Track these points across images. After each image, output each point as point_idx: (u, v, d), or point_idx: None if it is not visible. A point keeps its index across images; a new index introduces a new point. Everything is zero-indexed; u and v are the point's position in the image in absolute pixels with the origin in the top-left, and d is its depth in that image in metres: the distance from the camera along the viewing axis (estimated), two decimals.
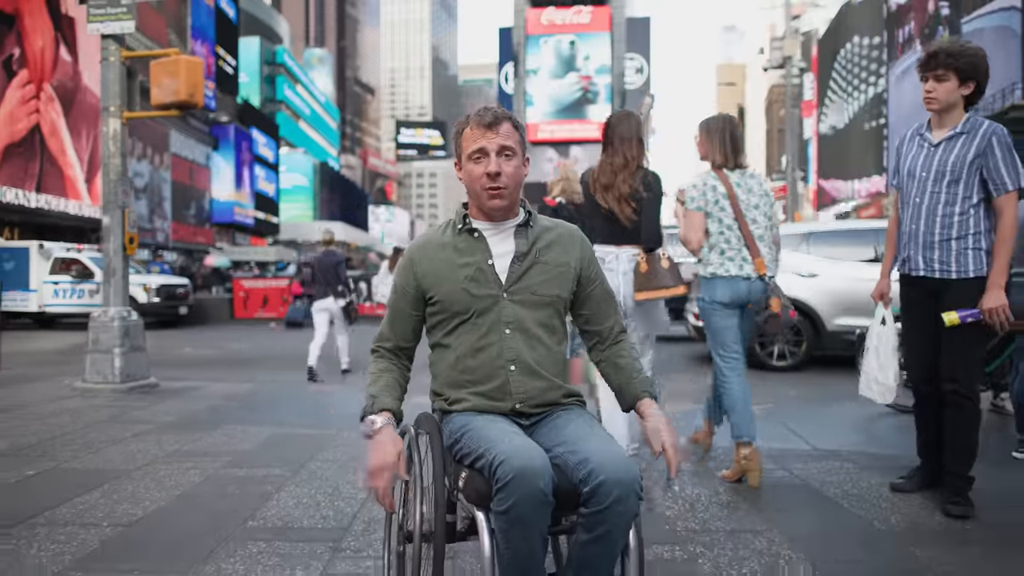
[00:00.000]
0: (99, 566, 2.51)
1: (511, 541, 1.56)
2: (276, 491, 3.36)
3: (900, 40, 48.55)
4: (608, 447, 1.65)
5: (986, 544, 2.75)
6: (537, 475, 1.54)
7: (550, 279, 1.86)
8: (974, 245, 3.00)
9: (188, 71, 6.21)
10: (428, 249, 1.89)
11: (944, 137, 3.06)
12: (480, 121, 1.83)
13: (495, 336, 1.82)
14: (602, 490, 1.56)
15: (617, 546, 1.63)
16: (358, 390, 6.68)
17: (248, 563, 2.52)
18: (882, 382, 3.39)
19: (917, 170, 3.13)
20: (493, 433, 1.68)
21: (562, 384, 1.88)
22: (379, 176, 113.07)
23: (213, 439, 4.45)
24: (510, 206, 1.87)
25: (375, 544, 2.71)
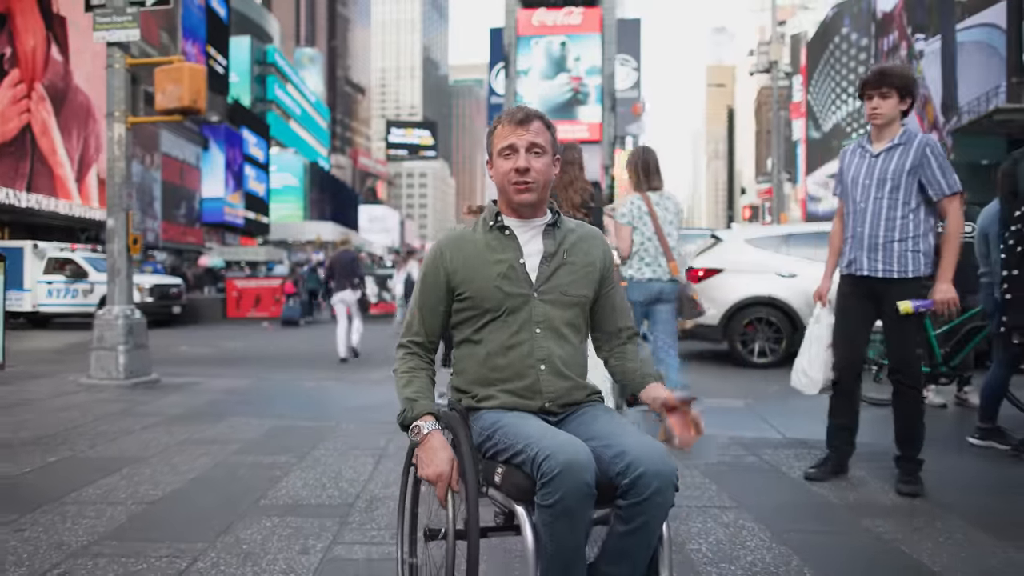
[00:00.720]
0: (131, 536, 2.77)
1: (556, 534, 1.57)
2: (284, 475, 3.62)
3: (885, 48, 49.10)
4: (645, 440, 1.68)
5: (930, 517, 3.04)
6: (584, 468, 1.56)
7: (578, 279, 1.89)
8: (913, 248, 3.32)
9: (191, 78, 6.46)
10: (459, 243, 1.90)
11: (884, 148, 3.38)
12: (511, 119, 1.86)
13: (526, 335, 1.83)
14: (642, 482, 1.59)
15: (654, 536, 1.65)
16: (356, 383, 6.96)
17: (264, 534, 2.79)
18: (810, 375, 3.69)
19: (861, 178, 3.44)
20: (532, 429, 1.69)
21: (586, 383, 1.92)
22: (369, 176, 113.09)
23: (219, 430, 4.71)
24: (539, 203, 1.89)
25: (378, 519, 2.98)
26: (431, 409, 1.79)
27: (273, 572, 2.44)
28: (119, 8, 6.47)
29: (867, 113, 3.39)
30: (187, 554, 2.57)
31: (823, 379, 3.61)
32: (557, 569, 1.59)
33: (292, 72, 74.66)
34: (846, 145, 3.70)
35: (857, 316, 3.49)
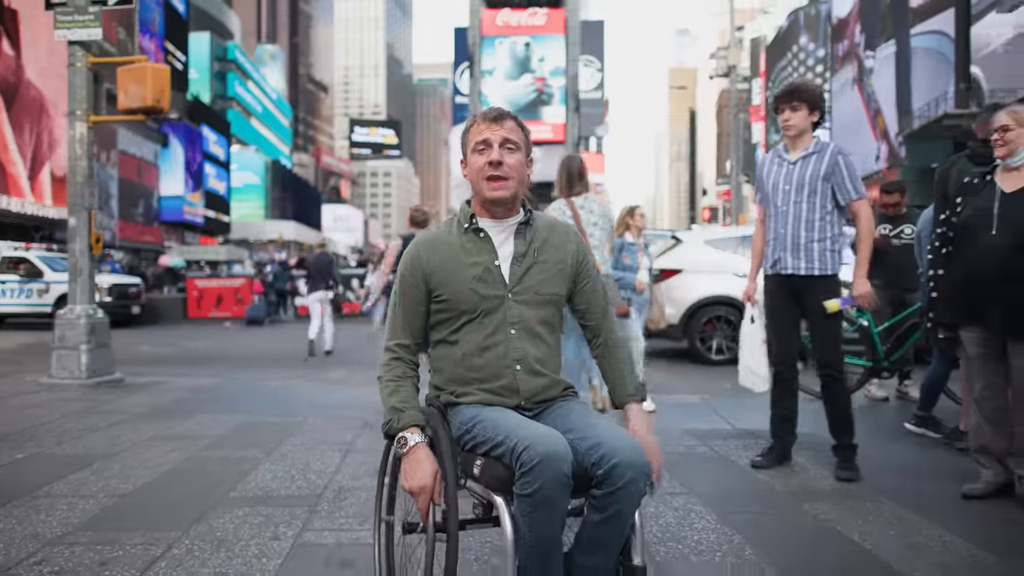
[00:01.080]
0: (105, 526, 2.86)
1: (535, 523, 1.62)
2: (253, 468, 3.73)
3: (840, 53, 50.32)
4: (618, 432, 1.74)
5: (864, 499, 3.28)
6: (562, 459, 1.61)
7: (549, 277, 1.92)
8: (831, 247, 3.62)
9: (155, 78, 6.47)
10: (435, 245, 1.93)
11: (800, 156, 3.67)
12: (486, 116, 1.90)
13: (501, 336, 1.87)
14: (616, 472, 1.64)
15: (627, 525, 1.71)
16: (320, 381, 7.04)
17: (236, 523, 2.90)
18: (757, 372, 3.94)
19: (780, 184, 3.71)
20: (510, 422, 1.74)
21: (561, 380, 1.96)
22: (332, 175, 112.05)
23: (187, 427, 4.77)
24: (512, 200, 1.91)
25: (346, 508, 3.11)
26: (417, 420, 1.81)
27: (246, 557, 2.55)
28: (80, 7, 6.45)
29: (780, 124, 3.68)
30: (161, 542, 2.67)
31: (769, 374, 3.85)
32: (535, 558, 1.64)
33: (253, 69, 73.67)
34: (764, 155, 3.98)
35: (785, 313, 3.75)
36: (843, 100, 53.35)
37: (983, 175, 3.29)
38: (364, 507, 3.11)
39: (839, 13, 52.14)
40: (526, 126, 1.96)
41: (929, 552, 2.67)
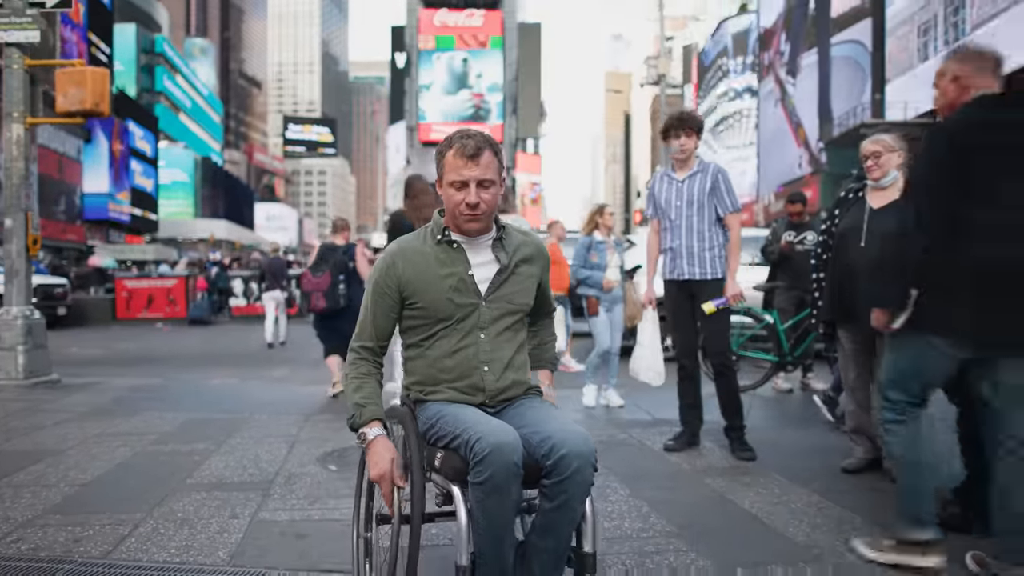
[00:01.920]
0: (72, 510, 3.08)
1: (488, 510, 1.73)
2: (204, 459, 3.96)
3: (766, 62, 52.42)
4: (568, 426, 1.87)
5: (757, 475, 3.75)
6: (511, 450, 1.74)
7: (522, 289, 2.07)
8: (719, 255, 4.15)
9: (94, 81, 6.54)
10: (409, 254, 2.03)
11: (687, 175, 4.18)
12: (462, 151, 1.94)
13: (471, 339, 2.00)
14: (563, 462, 1.76)
15: (576, 513, 1.82)
16: (262, 379, 7.21)
17: (195, 505, 3.16)
18: (656, 368, 4.42)
19: (672, 200, 4.20)
20: (468, 417, 1.87)
21: (525, 380, 2.10)
22: (266, 173, 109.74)
23: (133, 424, 4.94)
24: (486, 226, 2.04)
25: (297, 491, 3.40)
26: (377, 415, 1.94)
27: (208, 532, 2.83)
28: (18, 9, 6.47)
29: (674, 149, 4.15)
30: (127, 523, 2.92)
31: (664, 369, 4.35)
32: (489, 543, 1.76)
33: (182, 63, 71.55)
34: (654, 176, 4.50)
35: (685, 312, 4.24)
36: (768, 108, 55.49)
37: (856, 191, 3.81)
38: (314, 490, 3.41)
39: (765, 23, 54.22)
40: (499, 146, 2.03)
41: (805, 514, 3.13)
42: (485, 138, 1.99)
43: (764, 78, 52.50)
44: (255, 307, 18.42)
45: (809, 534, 2.89)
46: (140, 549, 2.66)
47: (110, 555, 2.61)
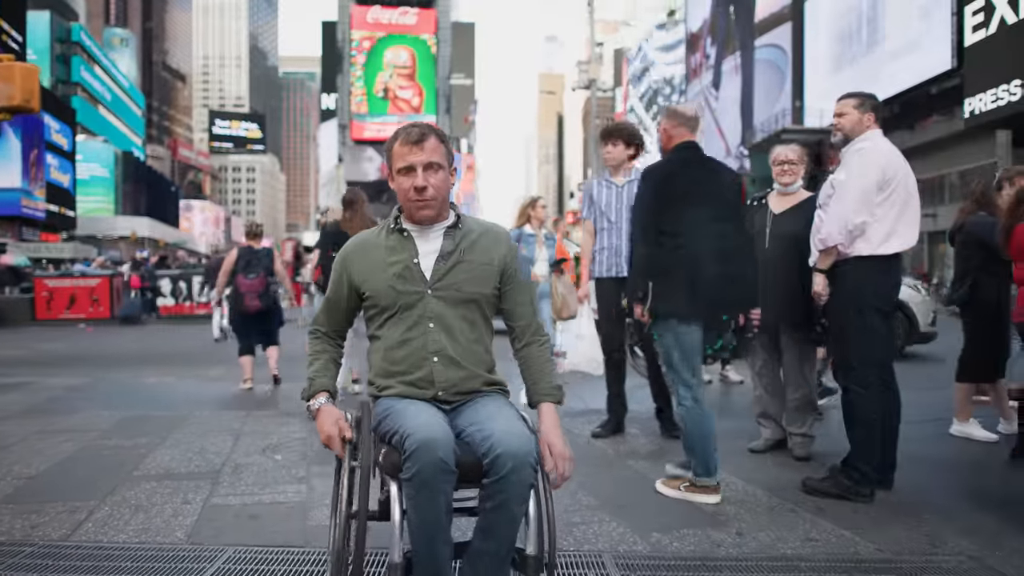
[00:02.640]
0: (25, 499, 3.18)
1: (418, 505, 1.74)
2: (149, 452, 4.07)
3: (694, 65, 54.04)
4: (510, 425, 1.85)
5: (676, 456, 4.09)
6: (438, 445, 1.74)
7: (473, 277, 2.03)
8: None
9: (23, 77, 6.45)
10: (362, 247, 2.07)
11: (626, 181, 4.49)
12: (407, 138, 1.98)
13: (419, 330, 1.99)
14: (499, 462, 1.75)
15: (514, 514, 1.79)
16: (197, 379, 7.22)
17: (147, 493, 3.30)
18: (597, 359, 4.73)
19: (612, 203, 4.52)
20: (409, 412, 1.87)
21: (482, 374, 2.05)
22: (191, 169, 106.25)
23: (73, 421, 4.96)
24: (438, 214, 2.04)
25: (246, 479, 3.57)
26: (326, 387, 2.02)
27: (163, 516, 2.98)
28: None
29: (604, 156, 4.49)
30: (82, 509, 3.04)
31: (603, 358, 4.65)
32: (422, 541, 1.76)
33: (101, 54, 68.66)
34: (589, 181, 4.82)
35: (615, 305, 4.53)
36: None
37: (759, 199, 4.22)
38: (262, 477, 3.58)
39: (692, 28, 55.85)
40: (446, 136, 2.07)
41: None
42: (430, 127, 2.03)
43: (691, 81, 54.17)
44: (183, 307, 18.07)
45: (717, 505, 3.24)
46: (99, 532, 2.80)
47: (70, 538, 2.74)
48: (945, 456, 4.19)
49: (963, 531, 2.87)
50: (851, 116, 3.39)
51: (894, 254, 3.28)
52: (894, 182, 3.26)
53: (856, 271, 3.30)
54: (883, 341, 3.35)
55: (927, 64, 27.68)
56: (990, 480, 3.82)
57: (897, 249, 3.28)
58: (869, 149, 3.33)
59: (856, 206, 3.23)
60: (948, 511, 3.13)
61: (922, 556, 2.66)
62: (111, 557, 2.56)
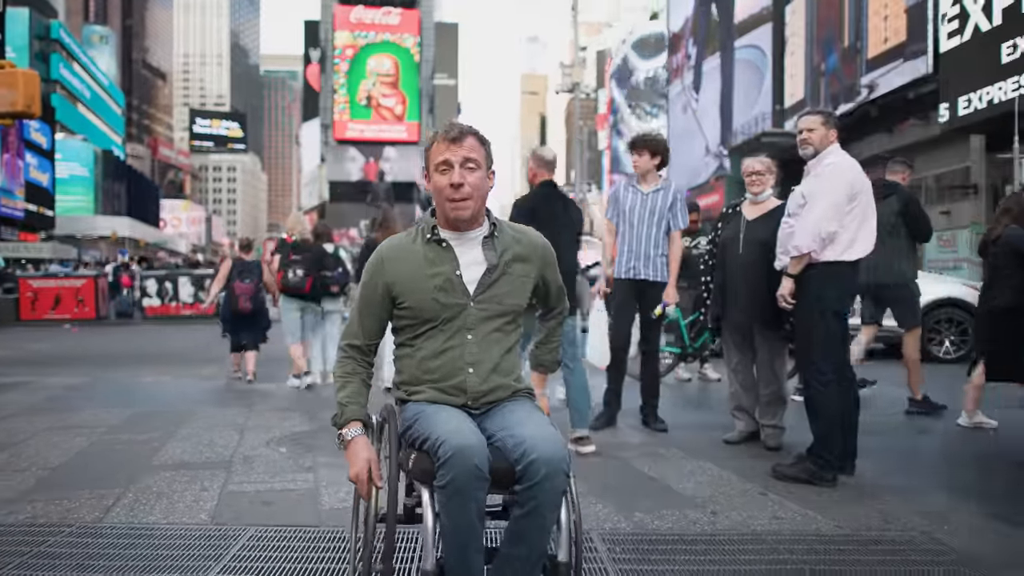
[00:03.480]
0: (53, 488, 3.40)
1: (451, 512, 1.72)
2: (162, 446, 4.30)
3: (675, 65, 54.55)
4: (544, 431, 1.84)
5: (659, 447, 4.38)
6: (473, 453, 1.73)
7: (514, 290, 2.02)
8: (665, 262, 4.69)
9: (26, 83, 6.63)
10: (399, 254, 2.02)
11: (652, 190, 4.72)
12: (446, 136, 1.95)
13: (458, 340, 1.97)
14: (532, 468, 1.73)
15: (547, 520, 1.78)
16: (193, 378, 7.42)
17: (167, 481, 3.53)
18: (603, 351, 4.98)
19: (637, 208, 4.75)
20: (441, 418, 1.85)
21: (510, 383, 2.03)
22: (171, 168, 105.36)
23: (80, 418, 5.16)
24: (474, 216, 1.99)
25: (257, 468, 3.81)
26: (358, 416, 1.96)
27: (185, 502, 3.22)
28: None
29: (633, 164, 4.74)
30: (109, 496, 3.27)
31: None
32: (453, 546, 1.74)
33: (80, 51, 68.01)
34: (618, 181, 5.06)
35: (629, 309, 4.76)
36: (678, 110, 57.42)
37: (735, 207, 4.53)
38: (271, 467, 3.83)
39: (673, 28, 56.32)
40: (487, 139, 2.03)
41: (693, 476, 3.78)
42: (471, 127, 2.00)
43: (673, 81, 54.65)
44: (169, 307, 18.14)
45: (694, 489, 3.53)
46: (128, 515, 3.03)
47: (103, 520, 2.97)
48: (908, 445, 4.52)
49: (916, 510, 3.18)
50: (819, 132, 3.69)
51: (854, 261, 3.60)
52: (860, 195, 3.57)
53: (820, 276, 3.60)
54: (841, 342, 3.67)
55: (905, 69, 28.29)
56: (947, 466, 4.15)
57: (858, 255, 3.59)
58: (839, 163, 3.64)
59: (828, 216, 3.53)
60: (904, 493, 3.44)
61: (877, 531, 2.96)
62: (144, 535, 2.80)
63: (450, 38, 76.26)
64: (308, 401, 5.97)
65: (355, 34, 53.24)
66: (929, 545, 2.81)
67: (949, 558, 2.67)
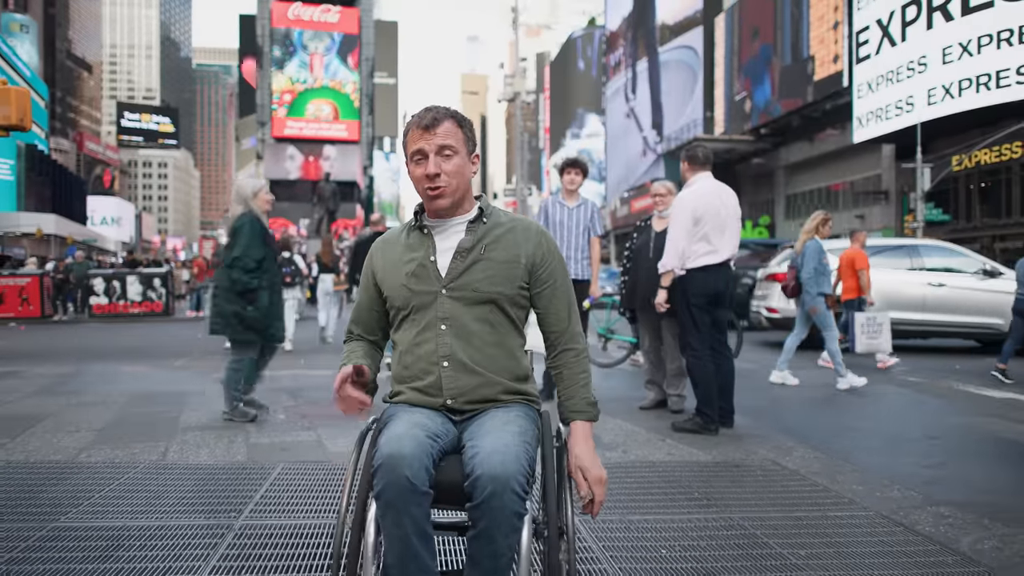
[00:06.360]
0: (109, 441, 4.27)
1: (385, 527, 1.60)
2: (179, 414, 5.16)
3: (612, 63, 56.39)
4: (501, 443, 1.64)
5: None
6: (402, 462, 1.57)
7: (493, 275, 1.85)
8: (587, 264, 5.81)
9: (18, 99, 7.29)
10: (387, 245, 1.96)
11: (575, 205, 5.83)
12: (419, 123, 1.83)
13: (431, 332, 1.83)
14: (478, 484, 1.57)
15: (498, 545, 1.59)
16: (169, 369, 8.15)
17: (199, 437, 4.43)
18: None
19: (565, 221, 5.84)
20: (394, 421, 1.74)
21: (502, 381, 1.85)
22: (98, 163, 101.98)
23: (91, 397, 5.93)
24: (456, 204, 1.87)
25: (268, 428, 4.73)
26: (354, 361, 1.87)
27: (220, 448, 4.15)
28: None
29: (565, 183, 5.81)
30: (159, 446, 4.16)
31: None
32: (391, 562, 1.62)
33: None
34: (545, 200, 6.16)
35: None
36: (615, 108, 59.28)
37: (646, 220, 5.68)
38: (279, 427, 4.77)
39: (611, 27, 58.15)
40: (466, 119, 1.92)
41: (612, 431, 4.87)
42: (447, 110, 1.88)
43: (611, 79, 56.56)
44: (117, 306, 18.41)
45: (611, 438, 4.63)
46: (181, 458, 3.94)
47: (164, 460, 3.88)
48: (779, 406, 5.76)
49: (772, 448, 4.35)
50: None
51: (718, 264, 4.75)
52: (706, 216, 4.74)
53: (686, 279, 4.81)
54: (708, 325, 4.80)
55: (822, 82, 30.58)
56: (803, 420, 5.39)
57: (719, 260, 4.75)
58: (683, 196, 4.85)
59: (679, 238, 4.77)
60: (765, 439, 4.62)
61: (739, 461, 4.11)
62: (200, 469, 3.72)
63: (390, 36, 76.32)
64: (290, 381, 6.85)
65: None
66: (772, 467, 3.97)
67: (783, 473, 3.84)
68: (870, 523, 3.02)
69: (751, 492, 3.48)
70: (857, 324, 7.66)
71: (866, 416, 5.52)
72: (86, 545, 2.66)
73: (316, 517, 3.01)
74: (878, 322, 7.77)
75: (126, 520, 2.93)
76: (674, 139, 43.12)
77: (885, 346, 7.83)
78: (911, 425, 5.18)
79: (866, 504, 3.26)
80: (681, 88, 42.83)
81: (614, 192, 54.87)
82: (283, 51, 56.75)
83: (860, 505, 3.25)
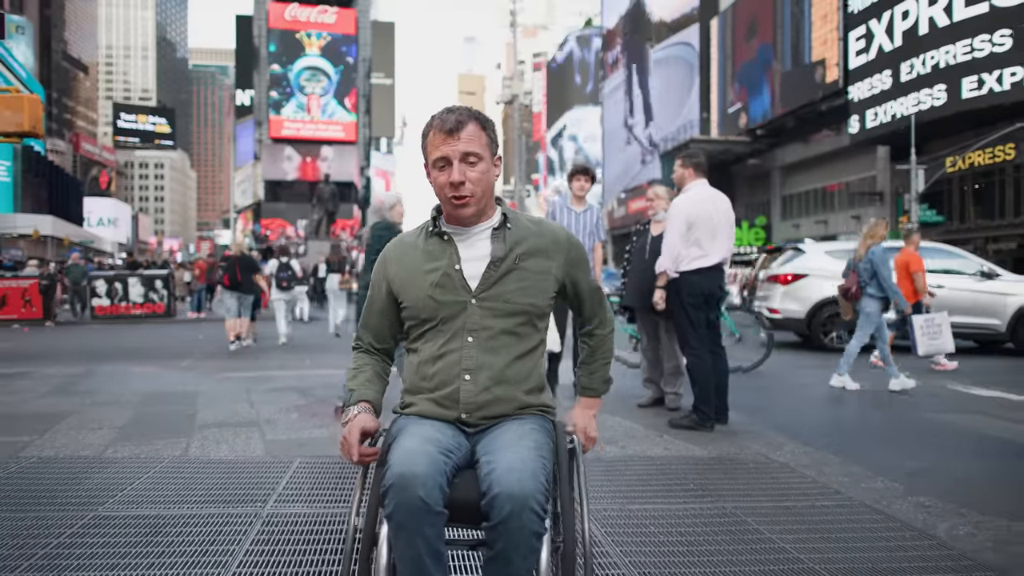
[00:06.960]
0: (133, 438, 4.46)
1: (397, 547, 1.56)
2: (195, 413, 5.36)
3: (610, 61, 56.64)
4: (518, 460, 1.60)
5: None
6: (415, 482, 1.53)
7: (527, 287, 1.81)
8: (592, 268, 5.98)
9: (31, 107, 7.48)
10: (401, 250, 1.89)
11: (582, 210, 6.02)
12: (442, 127, 1.77)
13: (456, 343, 1.79)
14: (496, 503, 1.53)
15: (516, 568, 1.56)
16: (177, 369, 8.36)
17: (218, 434, 4.63)
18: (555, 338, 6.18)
19: (573, 225, 6.02)
20: (405, 435, 1.70)
21: (519, 396, 1.81)
22: (95, 164, 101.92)
23: (105, 397, 6.12)
24: (481, 211, 1.83)
25: (281, 425, 4.93)
26: (368, 397, 1.84)
27: (239, 444, 4.35)
28: None
29: (575, 188, 5.99)
30: (181, 442, 4.36)
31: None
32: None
33: None
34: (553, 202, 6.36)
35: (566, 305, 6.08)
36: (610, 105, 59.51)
37: (645, 224, 5.89)
38: (291, 426, 4.97)
39: (608, 24, 58.38)
40: (489, 121, 1.86)
41: (611, 428, 5.07)
42: (470, 111, 1.82)
43: (608, 76, 56.80)
44: (119, 307, 18.57)
45: (610, 434, 4.83)
46: (203, 453, 4.14)
47: (186, 455, 4.08)
48: (773, 404, 5.98)
49: (764, 444, 4.56)
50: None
51: (710, 267, 4.96)
52: (698, 222, 4.96)
53: (681, 282, 5.02)
54: (704, 325, 5.02)
55: (818, 83, 30.85)
56: (795, 418, 5.61)
57: (710, 264, 4.97)
58: (678, 202, 5.07)
59: (675, 243, 4.99)
60: (758, 435, 4.83)
61: (733, 455, 4.32)
62: (222, 463, 3.93)
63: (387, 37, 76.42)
64: (296, 380, 7.05)
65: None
66: (763, 461, 4.19)
67: (774, 466, 4.05)
68: (854, 511, 3.24)
69: (743, 483, 3.69)
70: (916, 327, 7.41)
71: (855, 414, 5.74)
72: (127, 531, 2.87)
73: (338, 506, 3.21)
74: (936, 322, 7.53)
75: (160, 509, 3.14)
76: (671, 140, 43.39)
77: (947, 346, 7.61)
78: (898, 422, 5.41)
79: (851, 494, 3.48)
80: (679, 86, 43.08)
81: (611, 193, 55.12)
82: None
83: (845, 495, 3.47)
